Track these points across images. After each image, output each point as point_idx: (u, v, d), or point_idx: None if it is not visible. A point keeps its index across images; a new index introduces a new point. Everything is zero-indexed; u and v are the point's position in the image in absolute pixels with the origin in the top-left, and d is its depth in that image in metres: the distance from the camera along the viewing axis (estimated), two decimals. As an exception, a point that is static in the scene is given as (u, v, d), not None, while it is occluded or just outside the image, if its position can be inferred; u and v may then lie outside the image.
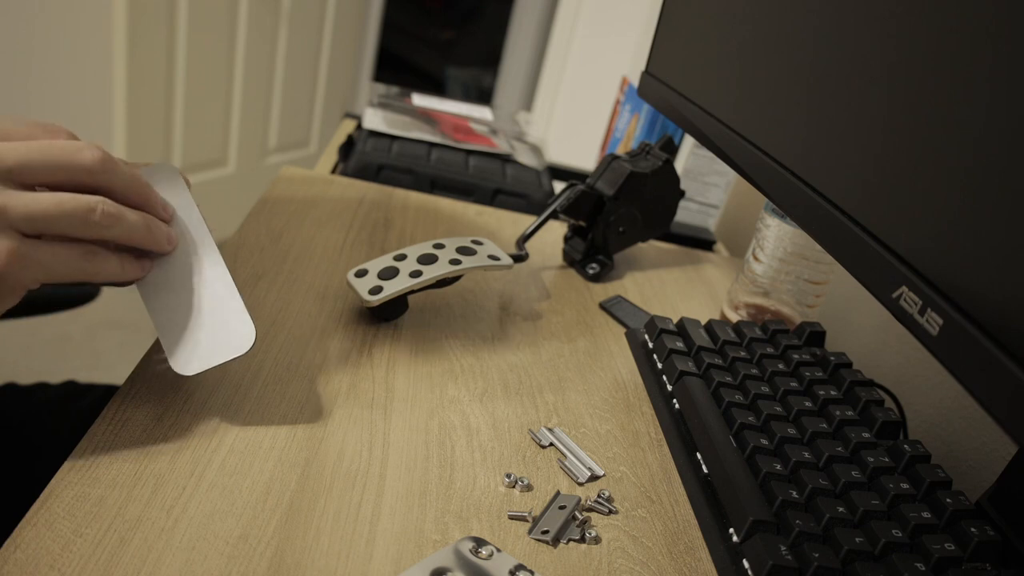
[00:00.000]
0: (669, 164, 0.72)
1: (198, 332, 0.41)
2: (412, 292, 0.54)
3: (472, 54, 3.44)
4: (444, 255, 0.55)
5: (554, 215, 0.68)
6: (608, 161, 0.71)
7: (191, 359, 0.40)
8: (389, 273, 0.54)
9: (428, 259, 0.55)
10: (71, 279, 0.37)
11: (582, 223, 0.71)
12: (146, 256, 0.41)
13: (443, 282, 0.56)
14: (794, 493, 0.41)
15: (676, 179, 0.74)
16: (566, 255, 0.74)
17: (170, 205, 0.42)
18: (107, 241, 0.38)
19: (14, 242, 0.34)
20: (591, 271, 0.71)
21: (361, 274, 0.55)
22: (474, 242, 0.58)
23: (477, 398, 0.50)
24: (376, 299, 0.53)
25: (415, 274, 0.54)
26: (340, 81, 2.69)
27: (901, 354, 0.65)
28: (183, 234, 0.43)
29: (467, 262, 0.55)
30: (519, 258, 0.62)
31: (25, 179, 0.35)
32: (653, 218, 0.74)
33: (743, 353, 0.55)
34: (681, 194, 0.75)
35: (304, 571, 0.34)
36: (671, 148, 0.74)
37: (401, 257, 0.56)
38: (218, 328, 0.41)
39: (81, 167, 0.36)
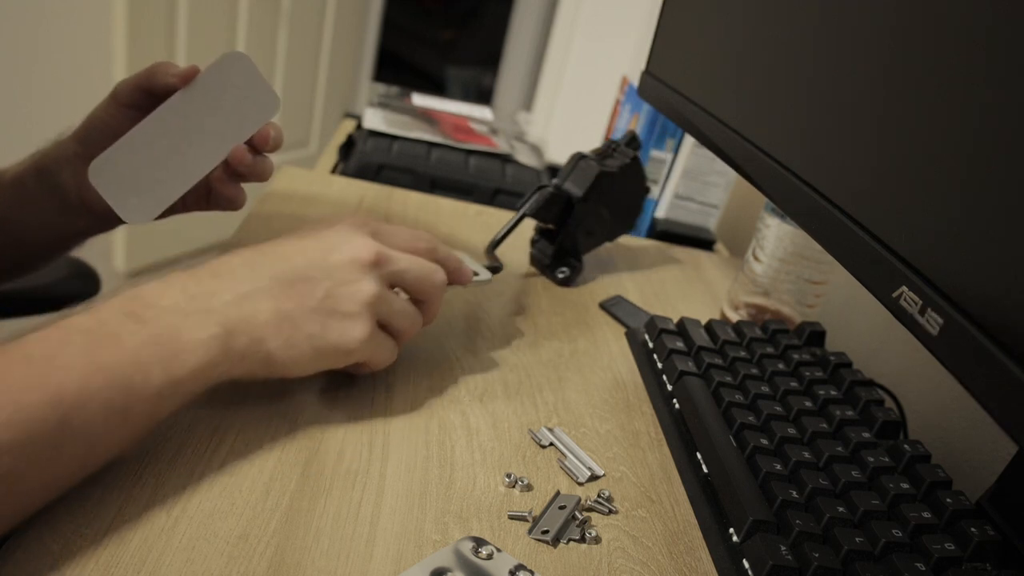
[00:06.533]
0: (636, 161, 0.70)
1: (133, 168, 0.48)
2: None
3: (472, 54, 3.43)
4: None
5: (523, 218, 0.65)
6: (575, 160, 0.68)
7: (107, 175, 0.47)
8: None
9: None
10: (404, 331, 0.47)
11: (551, 226, 0.68)
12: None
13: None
14: (794, 493, 0.41)
15: (643, 176, 0.71)
16: (534, 259, 0.70)
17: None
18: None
19: (380, 287, 0.44)
20: (561, 275, 0.68)
21: None
22: None
23: (477, 398, 0.50)
24: None
25: None
26: (340, 81, 2.69)
27: (901, 354, 0.65)
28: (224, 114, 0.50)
29: None
30: (495, 270, 0.60)
31: (398, 281, 0.46)
32: (622, 216, 0.71)
33: (743, 353, 0.55)
34: (647, 190, 0.72)
35: (304, 571, 0.34)
36: (636, 144, 0.71)
37: None
38: (142, 184, 0.48)
39: (434, 286, 0.47)
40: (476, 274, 0.55)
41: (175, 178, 0.49)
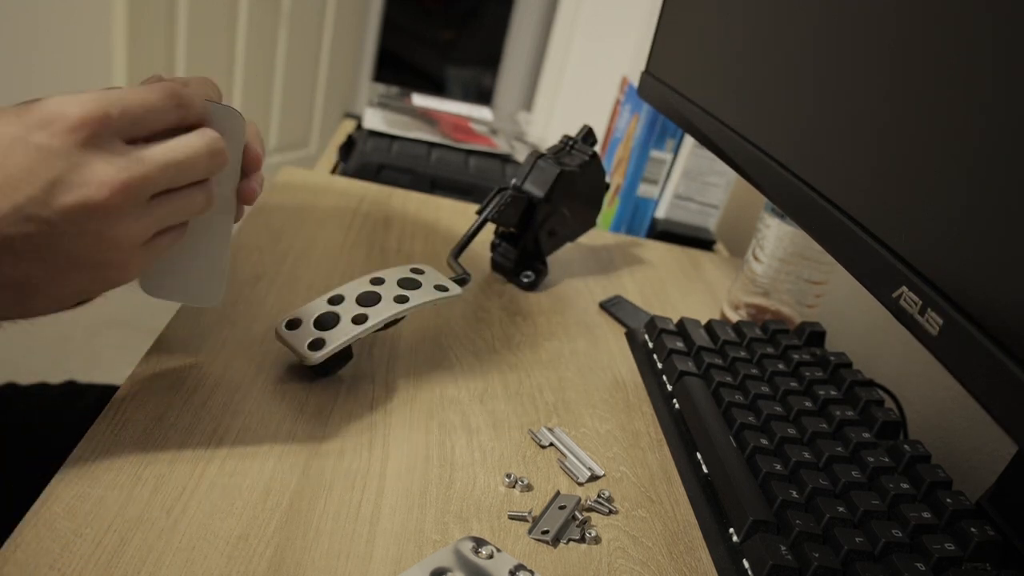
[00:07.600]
0: (596, 157, 0.67)
1: (179, 268, 0.43)
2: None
3: (472, 54, 3.44)
4: (386, 292, 0.49)
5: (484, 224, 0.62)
6: (533, 160, 0.65)
7: (162, 287, 0.43)
8: (328, 321, 0.47)
9: (370, 299, 0.48)
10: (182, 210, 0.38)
11: (512, 230, 0.65)
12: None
13: (389, 323, 0.49)
14: (794, 493, 0.41)
15: (603, 172, 0.69)
16: (495, 264, 0.67)
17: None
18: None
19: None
20: (526, 280, 0.66)
21: (293, 325, 0.47)
22: (414, 271, 0.52)
23: (477, 398, 0.50)
24: (319, 355, 0.45)
25: (359, 319, 0.47)
26: (340, 81, 2.69)
27: (901, 354, 0.65)
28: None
29: (414, 298, 0.49)
30: (463, 281, 0.55)
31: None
32: (583, 215, 0.69)
33: (743, 353, 0.55)
34: (607, 186, 0.70)
35: (304, 571, 0.34)
36: (593, 140, 0.69)
37: (337, 299, 0.48)
38: (196, 275, 0.44)
39: (206, 171, 0.38)
40: (446, 289, 0.51)
41: (216, 248, 0.44)
